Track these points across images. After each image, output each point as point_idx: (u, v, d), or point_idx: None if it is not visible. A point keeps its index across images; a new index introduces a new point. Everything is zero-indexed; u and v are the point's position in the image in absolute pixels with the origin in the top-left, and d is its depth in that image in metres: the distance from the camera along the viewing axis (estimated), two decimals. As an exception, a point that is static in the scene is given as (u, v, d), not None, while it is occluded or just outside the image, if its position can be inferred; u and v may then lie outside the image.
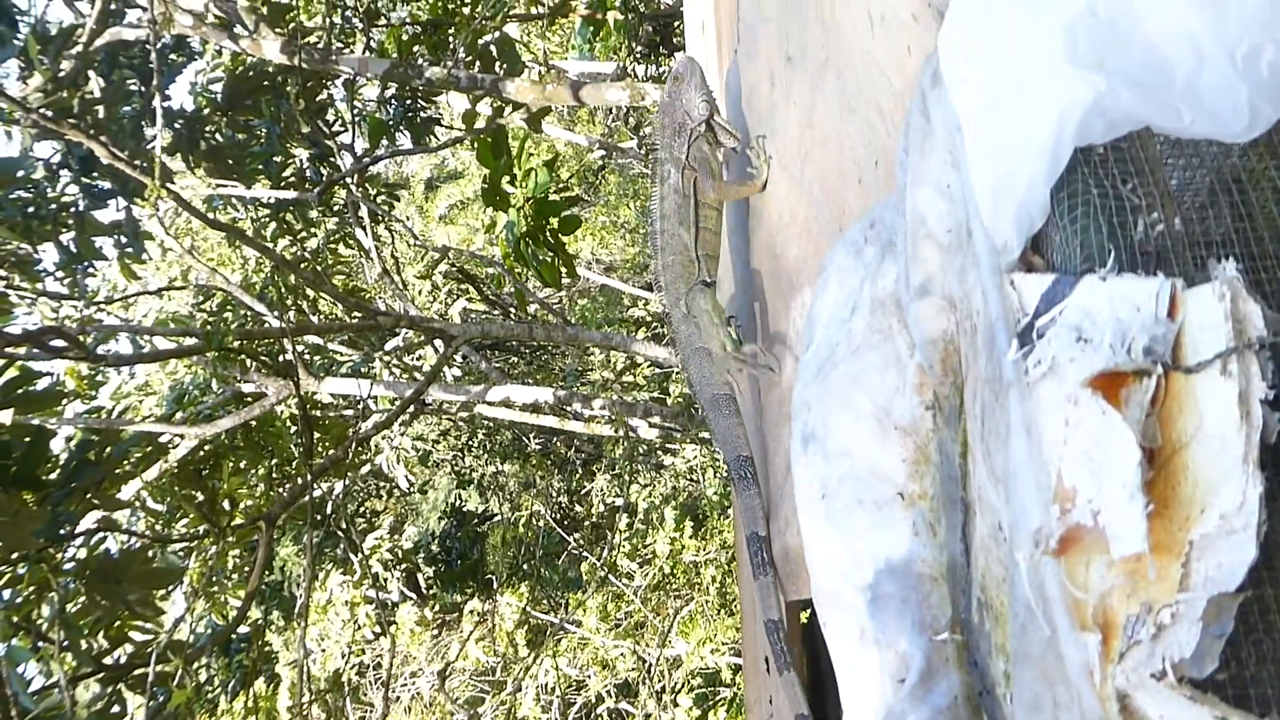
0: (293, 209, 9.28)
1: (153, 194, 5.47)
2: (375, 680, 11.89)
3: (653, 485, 13.02)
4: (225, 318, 9.65)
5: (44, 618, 5.71)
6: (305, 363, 8.21)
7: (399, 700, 12.29)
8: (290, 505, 6.79)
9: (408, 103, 9.24)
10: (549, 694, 11.63)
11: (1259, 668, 1.03)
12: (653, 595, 11.27)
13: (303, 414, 6.92)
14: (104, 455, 5.88)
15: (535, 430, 13.23)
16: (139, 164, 6.75)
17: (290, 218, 9.39)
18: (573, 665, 11.56)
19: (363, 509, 13.15)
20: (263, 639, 9.58)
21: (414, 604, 12.47)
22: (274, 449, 8.62)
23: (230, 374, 7.91)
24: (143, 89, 7.91)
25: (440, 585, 13.39)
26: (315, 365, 9.82)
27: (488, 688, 12.34)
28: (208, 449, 7.95)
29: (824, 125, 2.46)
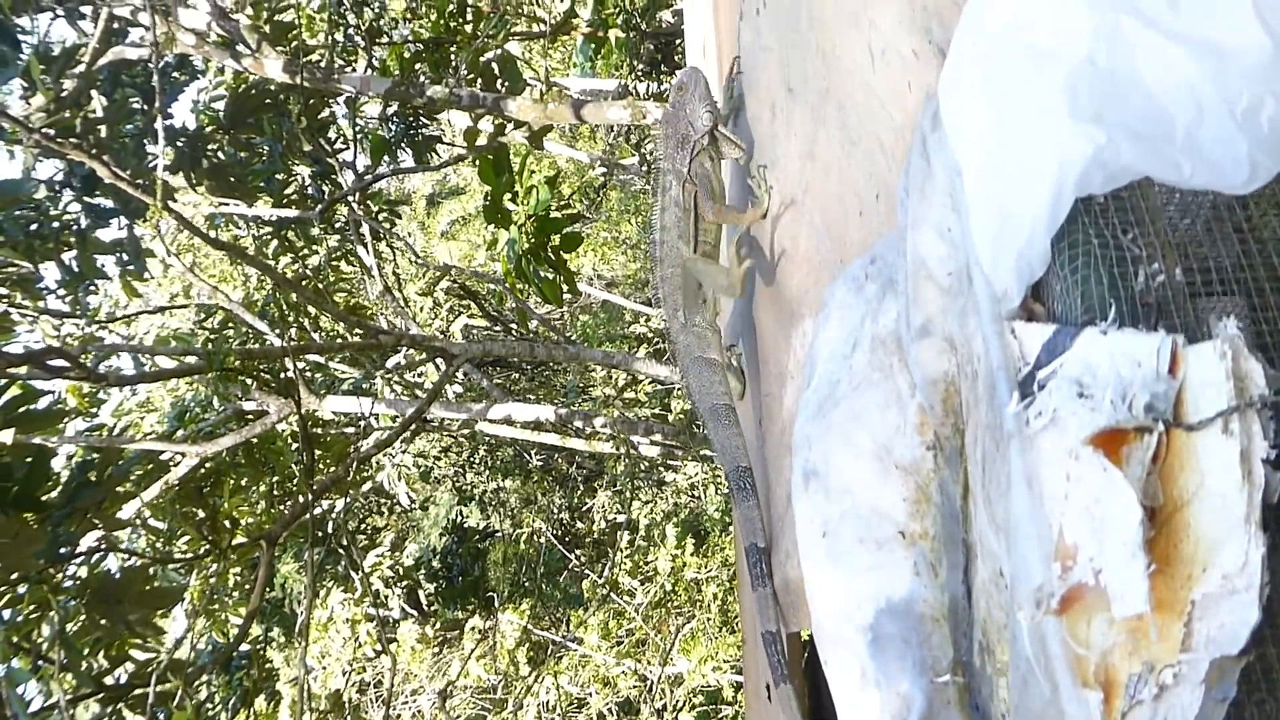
0: (294, 226, 9.29)
1: (154, 215, 5.47)
2: (376, 698, 11.85)
3: (654, 502, 13.00)
4: (226, 334, 9.66)
5: (44, 638, 5.70)
6: (306, 380, 8.21)
7: (400, 718, 12.26)
8: (291, 524, 6.77)
9: (409, 120, 9.26)
10: (550, 712, 11.60)
11: (1263, 730, 1.03)
12: (654, 613, 11.25)
13: (304, 432, 6.91)
14: (105, 475, 5.88)
15: (537, 447, 13.22)
16: (141, 182, 6.76)
17: (292, 235, 9.41)
18: (574, 683, 11.53)
19: (364, 525, 13.13)
20: (264, 657, 9.56)
21: (415, 621, 12.44)
22: (275, 466, 8.62)
23: (231, 392, 7.91)
24: (145, 108, 7.93)
25: (441, 602, 13.36)
26: (316, 383, 9.81)
27: (489, 706, 12.30)
28: (209, 466, 7.95)
29: (825, 156, 2.46)
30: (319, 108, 8.94)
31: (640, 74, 10.12)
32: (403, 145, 9.29)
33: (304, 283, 9.43)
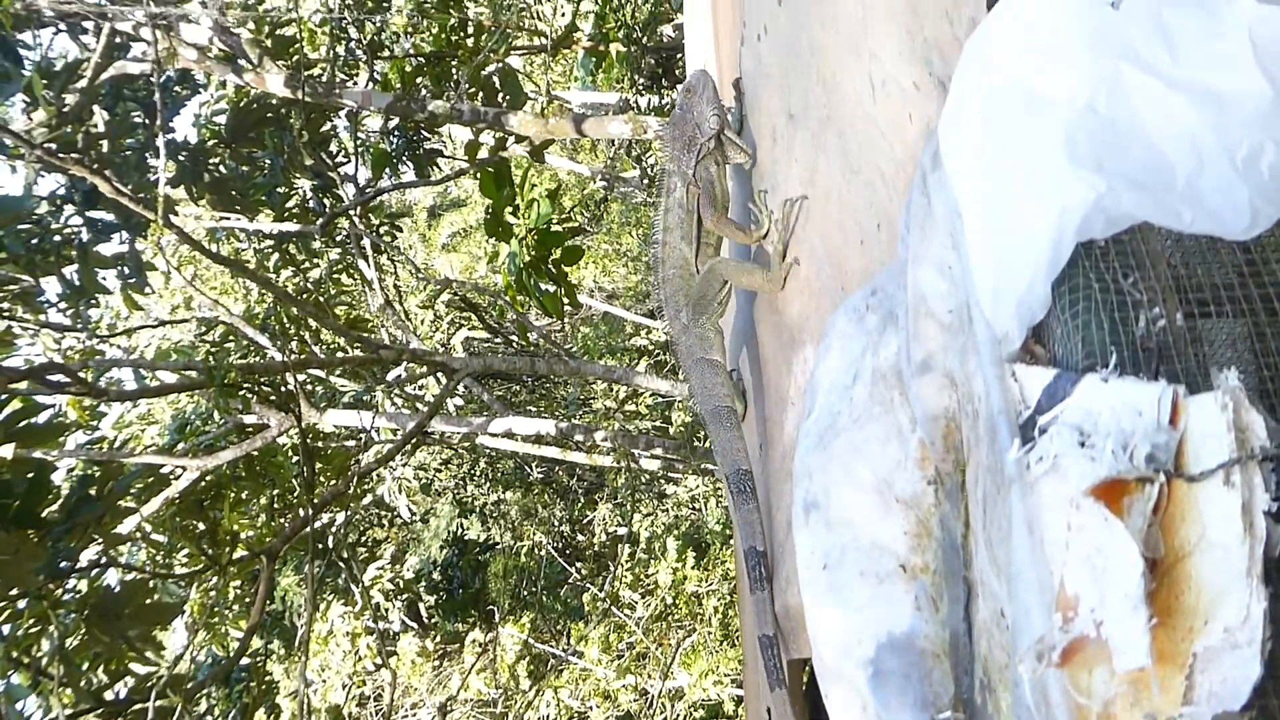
0: (295, 240, 9.30)
1: (156, 233, 5.48)
2: (376, 712, 11.84)
3: (655, 514, 12.98)
4: (227, 348, 9.66)
5: (43, 653, 5.69)
6: (307, 394, 8.20)
7: (400, 732, 12.24)
8: (291, 539, 6.78)
9: (410, 134, 9.28)
10: (550, 726, 11.58)
11: (1265, 784, 1.02)
12: (655, 626, 11.22)
13: (304, 448, 6.92)
14: (105, 490, 5.88)
15: (537, 459, 13.20)
16: (143, 196, 6.77)
17: (293, 249, 9.41)
18: (574, 697, 11.50)
19: (364, 538, 13.11)
20: (264, 670, 9.55)
21: (415, 634, 12.42)
22: (276, 479, 8.62)
23: (232, 406, 7.91)
24: (147, 122, 7.94)
25: (442, 614, 13.33)
26: (317, 396, 9.82)
27: (489, 720, 12.29)
28: (209, 480, 7.95)
29: (826, 183, 2.47)
30: (320, 121, 8.95)
31: (641, 88, 10.14)
32: (404, 158, 9.30)
33: (305, 296, 9.44)
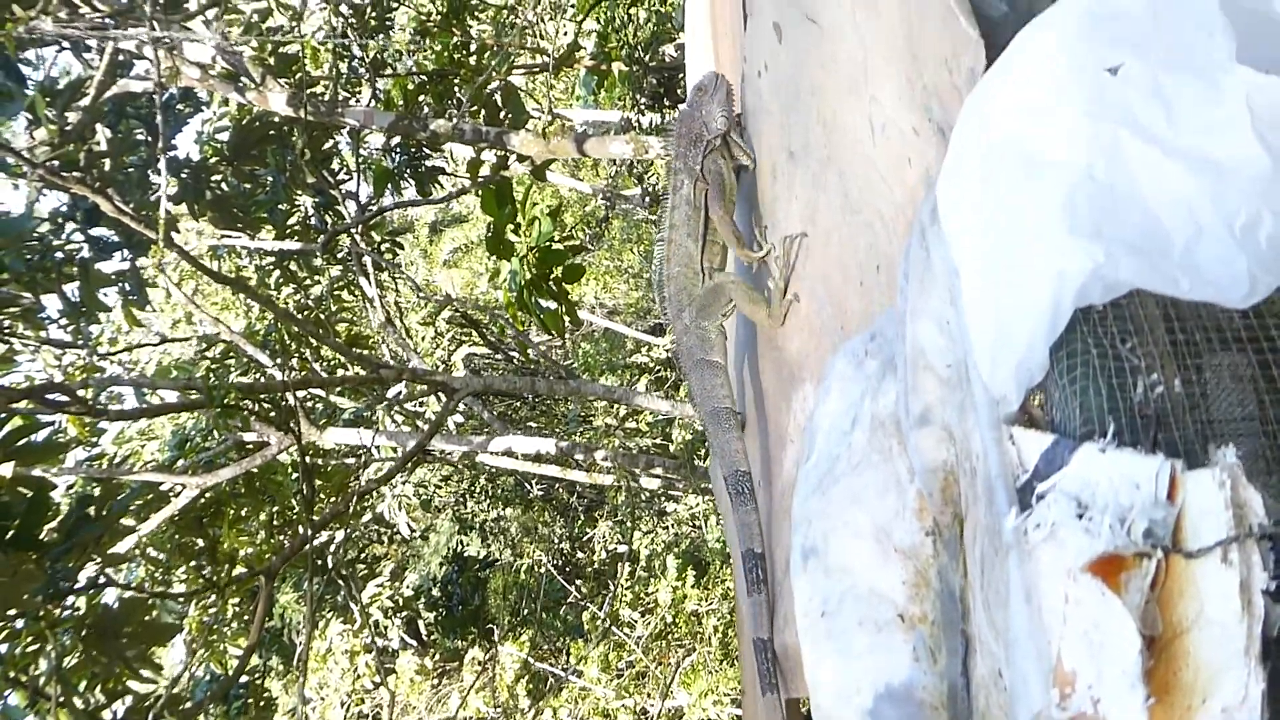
0: (297, 257, 9.31)
1: (157, 255, 5.48)
2: (374, 730, 11.81)
3: (655, 532, 12.96)
4: (228, 364, 9.65)
5: (41, 672, 5.68)
6: (307, 411, 8.20)
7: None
8: (290, 558, 6.77)
9: (413, 151, 9.29)
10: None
11: None
12: (654, 645, 11.19)
13: (304, 467, 6.91)
14: (104, 510, 5.86)
15: (537, 476, 13.19)
16: (145, 214, 6.78)
17: (294, 266, 9.42)
18: (573, 716, 11.46)
19: (364, 554, 13.09)
20: (262, 688, 9.52)
21: (414, 652, 12.38)
22: (275, 496, 8.61)
23: (233, 425, 7.91)
24: (149, 139, 7.94)
25: (441, 631, 13.31)
26: (317, 412, 9.81)
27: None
28: (209, 496, 7.94)
29: (825, 223, 2.47)
30: (322, 139, 8.96)
31: (643, 107, 10.16)
32: (406, 175, 9.32)
33: (306, 313, 9.45)
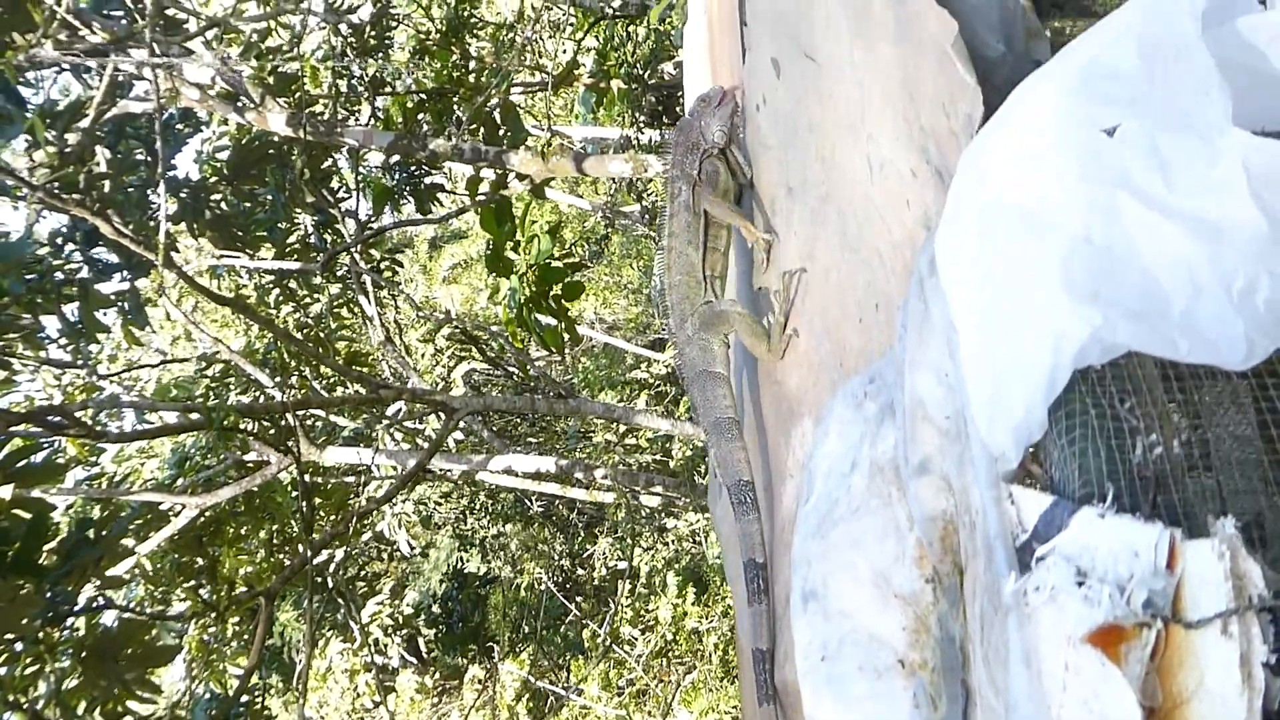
0: (297, 276, 9.31)
1: (157, 279, 5.48)
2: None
3: (655, 548, 12.94)
4: (227, 383, 9.64)
5: (40, 694, 5.66)
6: (306, 429, 8.19)
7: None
8: (290, 579, 6.76)
9: (412, 168, 9.30)
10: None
11: None
12: (655, 663, 11.16)
13: (303, 488, 6.90)
14: (104, 532, 5.85)
15: (537, 492, 13.17)
16: (144, 236, 6.77)
17: (293, 284, 9.42)
18: (574, 734, 11.45)
19: (363, 572, 13.07)
20: (263, 708, 9.50)
21: (414, 670, 12.35)
22: (275, 515, 8.60)
23: (232, 445, 7.90)
24: (149, 159, 7.94)
25: (441, 648, 13.27)
26: (316, 430, 9.80)
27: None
28: (209, 514, 7.93)
29: (824, 259, 2.47)
30: (322, 158, 8.97)
31: (642, 125, 10.17)
32: (405, 193, 9.32)
33: (305, 331, 9.44)
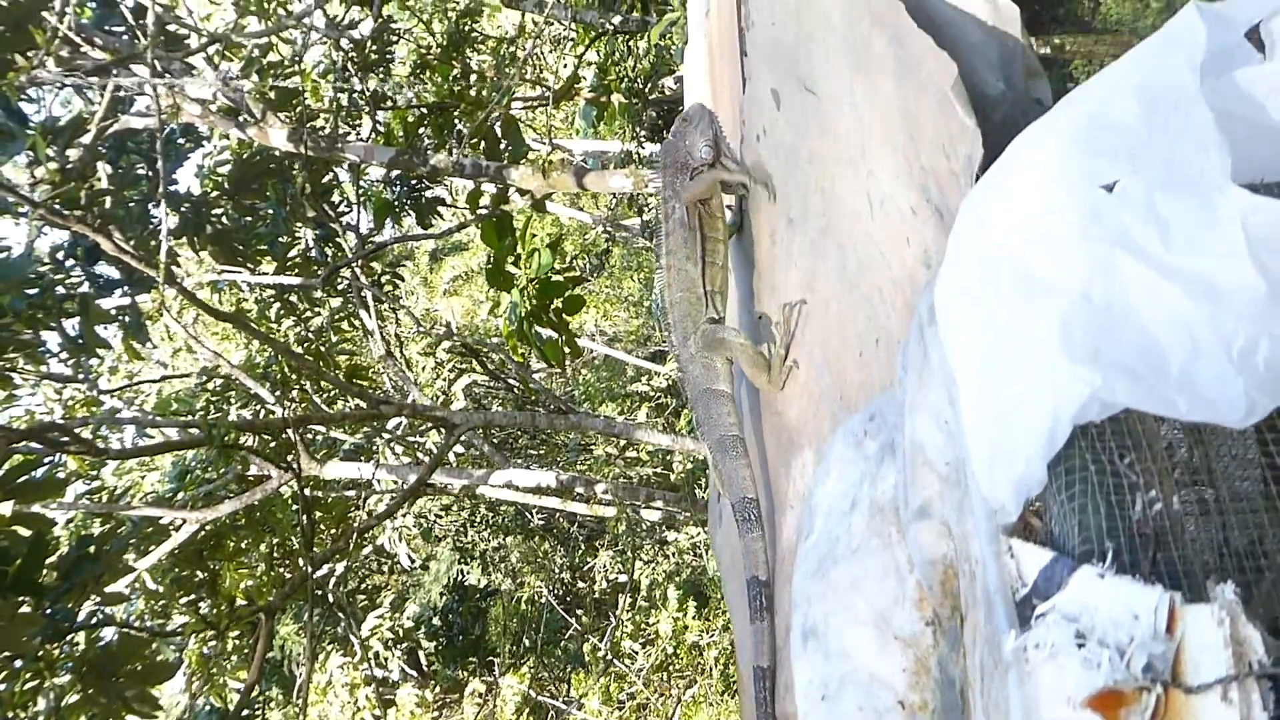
0: (298, 290, 9.32)
1: (158, 298, 5.49)
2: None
3: (655, 561, 12.93)
4: (229, 397, 9.64)
5: (40, 711, 5.65)
6: (307, 444, 8.19)
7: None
8: (290, 594, 6.76)
9: (413, 182, 9.32)
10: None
11: None
12: (656, 676, 11.15)
13: (304, 502, 6.90)
14: (104, 548, 5.85)
15: (538, 505, 13.15)
16: (145, 252, 6.78)
17: (294, 298, 9.43)
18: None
19: (364, 585, 13.06)
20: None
21: (415, 683, 12.33)
22: (276, 529, 8.60)
23: (233, 460, 7.90)
24: (150, 174, 7.95)
25: (442, 661, 13.25)
26: (317, 444, 9.79)
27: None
28: (209, 528, 7.93)
29: (824, 291, 2.47)
30: (322, 173, 8.98)
31: (642, 139, 10.18)
32: (406, 207, 9.34)
33: (306, 345, 9.45)
